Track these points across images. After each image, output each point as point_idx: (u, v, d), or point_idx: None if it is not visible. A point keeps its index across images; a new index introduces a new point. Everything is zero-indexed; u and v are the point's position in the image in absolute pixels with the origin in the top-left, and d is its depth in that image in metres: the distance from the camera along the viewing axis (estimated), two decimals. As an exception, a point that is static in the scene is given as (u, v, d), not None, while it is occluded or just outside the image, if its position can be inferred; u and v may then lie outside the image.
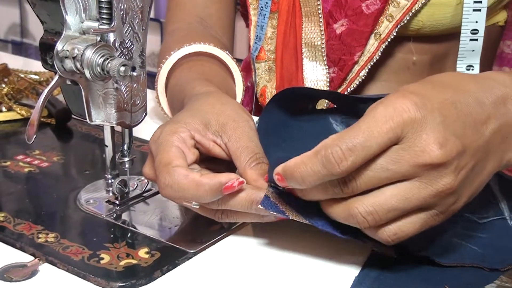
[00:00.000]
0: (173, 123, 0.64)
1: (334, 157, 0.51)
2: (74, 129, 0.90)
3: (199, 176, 0.58)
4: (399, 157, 0.52)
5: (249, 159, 0.62)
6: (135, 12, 0.63)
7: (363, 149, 0.51)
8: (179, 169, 0.59)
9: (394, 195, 0.52)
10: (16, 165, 0.78)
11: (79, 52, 0.60)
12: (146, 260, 0.60)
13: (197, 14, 0.98)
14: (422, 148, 0.51)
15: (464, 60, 0.82)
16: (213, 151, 0.64)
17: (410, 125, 0.51)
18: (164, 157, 0.60)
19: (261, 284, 0.58)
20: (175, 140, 0.62)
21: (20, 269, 0.59)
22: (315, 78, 0.87)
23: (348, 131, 0.52)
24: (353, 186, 0.53)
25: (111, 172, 0.69)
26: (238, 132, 0.63)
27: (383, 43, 0.85)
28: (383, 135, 0.51)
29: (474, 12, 0.80)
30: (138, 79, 0.66)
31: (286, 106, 0.69)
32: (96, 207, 0.69)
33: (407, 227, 0.54)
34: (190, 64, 0.84)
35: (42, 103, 0.62)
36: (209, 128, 0.64)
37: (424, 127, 0.51)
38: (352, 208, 0.53)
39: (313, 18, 0.85)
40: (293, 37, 0.87)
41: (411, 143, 0.51)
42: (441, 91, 0.54)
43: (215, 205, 0.60)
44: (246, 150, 0.62)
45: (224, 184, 0.57)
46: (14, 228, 0.64)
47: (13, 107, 0.92)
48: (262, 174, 0.61)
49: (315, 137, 0.65)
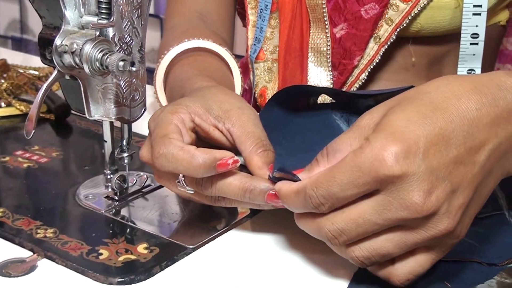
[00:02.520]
0: (175, 104, 0.64)
1: (312, 202, 0.52)
2: (74, 125, 0.90)
3: (194, 148, 0.58)
4: (384, 209, 0.50)
5: (255, 145, 0.61)
6: (134, 7, 0.63)
7: (338, 199, 0.51)
8: (175, 141, 0.59)
9: (389, 240, 0.52)
10: (15, 160, 0.78)
11: (78, 47, 0.60)
12: (145, 256, 0.60)
13: (196, 10, 0.98)
14: (407, 203, 0.49)
15: (465, 64, 0.81)
16: (213, 135, 0.63)
17: (389, 180, 0.49)
18: (162, 130, 0.60)
19: (259, 279, 0.58)
20: (175, 118, 0.62)
21: (18, 264, 0.59)
22: (319, 83, 0.87)
23: (325, 176, 0.51)
24: (343, 241, 0.52)
25: (110, 167, 0.69)
26: (243, 118, 0.63)
27: (383, 46, 0.84)
28: (359, 187, 0.50)
29: (474, 16, 0.79)
30: (137, 74, 0.66)
31: (287, 102, 0.69)
32: (95, 203, 0.68)
33: (417, 270, 0.53)
34: (190, 60, 0.84)
35: (40, 98, 0.62)
36: (210, 112, 0.63)
37: (406, 181, 0.49)
38: (349, 252, 0.53)
39: (320, 24, 0.85)
40: (298, 42, 0.87)
41: (395, 195, 0.50)
42: (432, 121, 0.51)
43: (208, 191, 0.60)
44: (252, 135, 0.62)
45: (218, 160, 0.57)
46: (13, 223, 0.64)
47: (12, 102, 0.92)
48: (267, 163, 0.60)
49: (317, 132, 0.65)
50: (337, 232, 0.52)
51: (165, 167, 0.59)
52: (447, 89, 0.53)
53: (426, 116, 0.51)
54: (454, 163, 0.50)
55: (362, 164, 0.50)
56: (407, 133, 0.50)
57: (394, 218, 0.50)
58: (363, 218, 0.51)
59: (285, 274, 0.59)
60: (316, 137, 0.56)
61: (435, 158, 0.50)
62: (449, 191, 0.50)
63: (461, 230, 0.52)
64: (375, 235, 0.52)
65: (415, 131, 0.50)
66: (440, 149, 0.50)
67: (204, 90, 0.68)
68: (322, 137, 0.66)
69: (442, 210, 0.50)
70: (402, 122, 0.50)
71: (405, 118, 0.51)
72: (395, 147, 0.49)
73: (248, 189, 0.59)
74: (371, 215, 0.50)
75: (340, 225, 0.52)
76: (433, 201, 0.49)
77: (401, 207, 0.49)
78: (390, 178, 0.49)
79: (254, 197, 0.59)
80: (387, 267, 0.54)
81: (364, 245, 0.52)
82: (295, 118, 0.69)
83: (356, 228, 0.51)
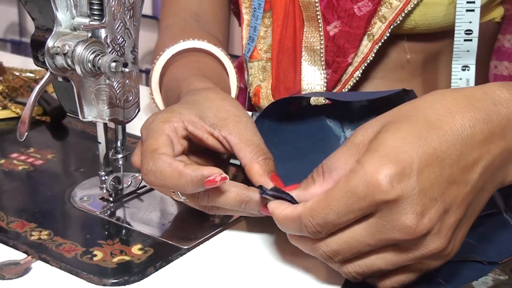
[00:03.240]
0: (168, 112, 0.63)
1: (308, 230, 0.52)
2: (69, 127, 0.90)
3: (183, 166, 0.58)
4: (377, 231, 0.51)
5: (255, 153, 0.61)
6: (126, 8, 0.63)
7: (334, 225, 0.51)
8: (164, 157, 0.59)
9: (380, 257, 0.52)
10: (10, 163, 0.78)
11: (70, 49, 0.59)
12: (139, 257, 0.60)
13: (191, 10, 0.98)
14: (400, 225, 0.49)
15: (459, 60, 0.81)
16: (207, 142, 0.63)
17: (384, 204, 0.49)
18: (152, 143, 0.60)
19: (254, 279, 0.58)
20: (167, 128, 0.61)
21: (13, 266, 0.59)
22: (313, 81, 0.87)
23: (321, 204, 0.51)
24: (339, 260, 0.53)
25: (104, 169, 0.69)
26: (240, 126, 0.63)
27: (377, 43, 0.84)
28: (355, 212, 0.50)
29: (468, 12, 0.79)
30: (130, 75, 0.66)
31: (278, 112, 0.68)
32: (90, 204, 0.68)
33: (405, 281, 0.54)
34: (186, 60, 0.84)
35: (33, 100, 0.62)
36: (205, 120, 0.63)
37: (400, 204, 0.49)
38: (342, 268, 0.54)
39: (313, 23, 0.85)
40: (292, 40, 0.87)
41: (388, 218, 0.50)
42: (426, 141, 0.50)
43: (204, 201, 0.60)
44: (251, 143, 0.62)
45: (206, 177, 0.57)
46: (8, 226, 0.64)
47: (8, 105, 0.92)
48: (268, 171, 0.61)
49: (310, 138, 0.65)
50: (332, 253, 0.53)
51: (153, 183, 0.60)
52: (442, 106, 0.52)
53: (421, 136, 0.51)
54: (447, 183, 0.50)
55: (356, 190, 0.50)
56: (401, 154, 0.50)
57: (387, 239, 0.51)
58: (356, 240, 0.51)
59: (279, 275, 0.59)
60: (309, 143, 0.56)
61: (429, 179, 0.50)
62: (441, 211, 0.50)
63: (453, 247, 0.53)
64: (367, 253, 0.53)
65: (409, 151, 0.50)
66: (434, 170, 0.50)
67: (200, 94, 0.68)
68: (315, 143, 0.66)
69: (434, 230, 0.50)
70: (396, 142, 0.50)
71: (399, 137, 0.51)
72: (389, 170, 0.49)
73: (244, 201, 0.59)
74: (364, 237, 0.51)
75: (334, 247, 0.52)
76: (426, 223, 0.50)
77: (394, 229, 0.50)
78: (385, 202, 0.49)
79: (249, 208, 0.59)
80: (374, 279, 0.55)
81: (357, 263, 0.53)
82: (287, 126, 0.69)
83: (350, 249, 0.52)
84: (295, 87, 0.89)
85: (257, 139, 0.62)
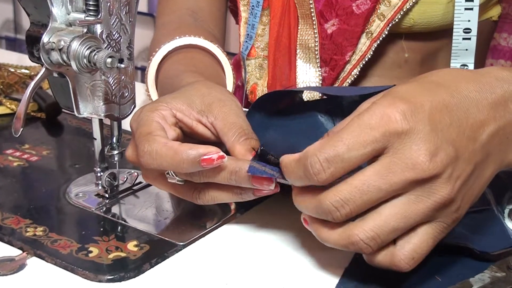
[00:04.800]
0: (154, 102, 0.64)
1: (312, 168, 0.51)
2: (65, 123, 0.89)
3: (178, 144, 0.57)
4: (389, 172, 0.50)
5: (237, 134, 0.61)
6: (122, 4, 0.63)
7: (343, 160, 0.50)
8: (159, 138, 0.58)
9: (392, 214, 0.51)
10: (5, 159, 0.77)
11: (65, 44, 0.59)
12: (135, 253, 0.60)
13: (188, 7, 0.98)
14: (413, 161, 0.49)
15: (458, 59, 0.81)
16: (196, 130, 0.63)
17: (396, 136, 0.50)
18: (145, 129, 0.60)
19: (250, 275, 0.58)
20: (156, 116, 0.61)
21: (8, 263, 0.59)
22: (308, 79, 0.87)
23: (330, 140, 0.51)
24: (346, 213, 0.51)
25: (100, 165, 0.69)
26: (224, 109, 0.62)
27: (375, 42, 0.84)
28: (366, 145, 0.50)
29: (466, 11, 0.79)
30: (126, 71, 0.65)
31: (270, 105, 0.68)
32: (85, 201, 0.68)
33: (421, 248, 0.52)
34: (181, 57, 0.83)
35: (28, 96, 0.62)
36: (193, 107, 0.63)
37: (413, 138, 0.50)
38: (352, 235, 0.51)
39: (308, 20, 0.84)
40: (287, 38, 0.87)
41: (400, 155, 0.50)
42: (435, 93, 0.52)
43: (196, 178, 0.59)
44: (234, 126, 0.61)
45: (202, 155, 0.56)
46: (2, 222, 0.64)
47: (3, 101, 0.92)
48: (250, 150, 0.60)
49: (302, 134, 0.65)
50: (340, 203, 0.50)
51: (150, 165, 0.59)
52: (448, 74, 0.56)
53: (430, 89, 0.53)
54: (457, 132, 0.52)
55: (369, 121, 0.50)
56: (413, 98, 0.51)
57: (399, 181, 0.50)
58: (367, 184, 0.50)
59: (276, 270, 0.59)
60: (301, 140, 0.56)
61: (440, 122, 0.51)
62: (453, 155, 0.51)
63: (461, 203, 0.52)
64: (377, 212, 0.51)
65: (421, 97, 0.52)
66: (444, 116, 0.51)
67: (188, 86, 0.68)
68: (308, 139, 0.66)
69: (445, 175, 0.50)
70: (408, 91, 0.52)
71: (409, 89, 0.53)
72: (403, 106, 0.50)
73: (234, 171, 0.58)
74: (375, 181, 0.50)
75: (343, 194, 0.50)
76: (438, 162, 0.50)
77: (406, 167, 0.50)
78: (397, 134, 0.50)
79: (240, 179, 0.58)
80: (388, 249, 0.53)
81: (367, 225, 0.51)
82: (279, 122, 0.69)
83: (360, 196, 0.50)
84: (290, 85, 0.89)
85: (239, 121, 0.62)
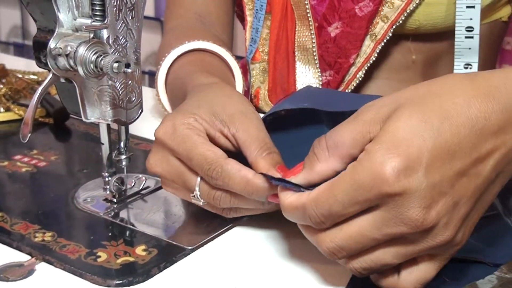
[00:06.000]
0: (182, 113, 0.63)
1: (312, 220, 0.52)
2: (73, 128, 0.90)
3: (252, 175, 0.58)
4: (383, 225, 0.50)
5: (260, 149, 0.61)
6: (128, 8, 0.63)
7: (339, 216, 0.51)
8: (232, 162, 0.59)
9: (388, 252, 0.51)
10: (13, 165, 0.78)
11: (72, 50, 0.59)
12: (143, 258, 0.60)
13: (196, 12, 0.98)
14: (406, 219, 0.49)
15: (461, 58, 0.80)
16: (218, 141, 0.63)
17: (389, 197, 0.49)
18: (205, 153, 0.60)
19: (258, 280, 0.58)
20: (195, 134, 0.61)
21: (16, 268, 0.59)
22: (307, 81, 0.86)
23: (326, 194, 0.51)
24: (342, 256, 0.52)
25: (108, 170, 0.69)
26: (246, 122, 0.62)
27: (379, 43, 0.84)
28: (360, 203, 0.50)
29: (468, 9, 0.78)
30: (133, 75, 0.65)
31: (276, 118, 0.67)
32: (93, 206, 0.68)
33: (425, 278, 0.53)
34: (191, 59, 0.83)
35: (36, 101, 0.62)
36: (216, 117, 0.63)
37: (407, 198, 0.48)
38: (348, 264, 0.53)
39: (305, 21, 0.84)
40: (285, 40, 0.87)
41: (394, 212, 0.49)
42: (439, 133, 0.49)
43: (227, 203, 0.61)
44: (256, 140, 0.61)
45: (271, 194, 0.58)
46: (11, 227, 0.64)
47: (11, 107, 0.92)
48: (274, 164, 0.60)
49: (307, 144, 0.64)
50: (336, 249, 0.52)
51: (221, 186, 0.60)
52: (460, 92, 0.51)
53: (433, 127, 0.49)
54: (458, 176, 0.49)
55: (363, 181, 0.49)
56: (411, 147, 0.48)
57: (393, 233, 0.50)
58: (361, 234, 0.51)
59: (283, 275, 0.58)
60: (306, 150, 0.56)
61: (439, 172, 0.49)
62: (450, 205, 0.49)
63: (462, 237, 0.52)
64: (373, 248, 0.52)
65: (420, 145, 0.48)
66: (444, 163, 0.49)
67: (205, 90, 0.67)
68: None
69: (442, 223, 0.49)
70: (406, 133, 0.49)
71: (410, 128, 0.49)
72: (396, 163, 0.48)
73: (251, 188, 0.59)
74: (369, 232, 0.50)
75: (339, 242, 0.51)
76: (433, 216, 0.49)
77: (400, 223, 0.49)
78: (390, 195, 0.48)
79: (256, 194, 0.59)
80: (392, 279, 0.54)
81: (363, 258, 0.52)
82: (285, 131, 0.68)
83: (355, 244, 0.51)
84: (289, 88, 0.88)
85: (262, 135, 0.62)
